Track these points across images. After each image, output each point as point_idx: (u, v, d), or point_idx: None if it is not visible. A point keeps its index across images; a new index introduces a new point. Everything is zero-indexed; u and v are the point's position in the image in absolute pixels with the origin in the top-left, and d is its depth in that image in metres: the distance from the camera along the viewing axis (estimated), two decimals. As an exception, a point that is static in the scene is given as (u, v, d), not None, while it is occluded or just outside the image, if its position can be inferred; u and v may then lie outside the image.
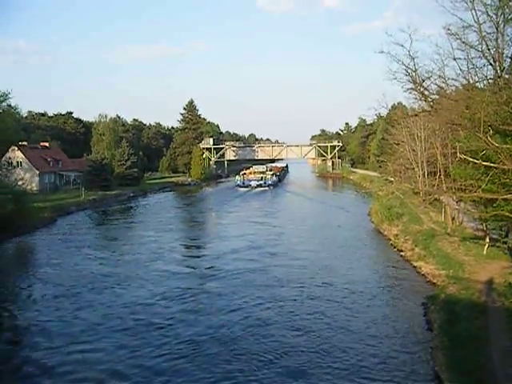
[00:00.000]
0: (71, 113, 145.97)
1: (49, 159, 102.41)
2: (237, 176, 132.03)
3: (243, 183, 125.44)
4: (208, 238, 58.37)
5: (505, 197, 23.92)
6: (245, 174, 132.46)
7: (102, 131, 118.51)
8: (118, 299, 33.71)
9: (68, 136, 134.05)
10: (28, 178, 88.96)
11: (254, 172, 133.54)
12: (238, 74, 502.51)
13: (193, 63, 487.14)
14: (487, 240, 39.38)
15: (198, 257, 47.91)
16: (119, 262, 45.12)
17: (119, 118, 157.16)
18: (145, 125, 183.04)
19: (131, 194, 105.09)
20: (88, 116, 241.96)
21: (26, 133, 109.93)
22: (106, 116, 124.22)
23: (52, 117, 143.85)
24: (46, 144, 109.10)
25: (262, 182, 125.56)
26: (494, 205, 28.30)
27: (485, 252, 38.44)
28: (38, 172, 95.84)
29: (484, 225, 39.79)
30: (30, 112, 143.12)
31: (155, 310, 31.60)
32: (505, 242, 35.57)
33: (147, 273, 40.60)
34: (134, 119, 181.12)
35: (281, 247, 50.69)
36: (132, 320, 29.53)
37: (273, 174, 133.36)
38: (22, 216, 58.73)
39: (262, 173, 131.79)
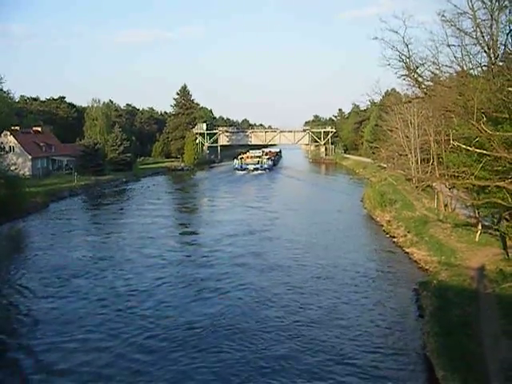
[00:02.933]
0: (64, 97, 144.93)
1: (41, 144, 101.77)
2: (235, 160, 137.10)
3: (241, 167, 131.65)
4: (204, 223, 58.53)
5: (497, 184, 23.95)
6: (242, 158, 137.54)
7: (95, 116, 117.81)
8: (110, 285, 33.73)
9: (61, 121, 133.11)
10: (20, 163, 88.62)
11: (251, 156, 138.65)
12: (231, 60, 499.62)
13: (186, 48, 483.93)
14: (479, 227, 39.55)
15: (194, 241, 48.00)
16: (112, 247, 45.10)
17: (112, 102, 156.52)
18: (138, 110, 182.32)
19: (124, 179, 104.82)
20: (81, 101, 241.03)
21: (19, 117, 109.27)
22: (98, 101, 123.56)
23: (44, 101, 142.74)
24: (39, 129, 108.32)
25: (258, 166, 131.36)
26: (487, 192, 28.41)
27: (477, 239, 38.63)
28: (30, 157, 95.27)
29: (476, 212, 39.92)
30: (22, 97, 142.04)
31: (149, 295, 31.64)
32: (497, 229, 35.66)
33: (140, 258, 40.67)
34: (127, 104, 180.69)
35: (275, 232, 51.05)
36: (125, 305, 29.56)
37: (268, 159, 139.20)
38: (15, 201, 58.50)
39: (259, 157, 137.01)
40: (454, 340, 22.25)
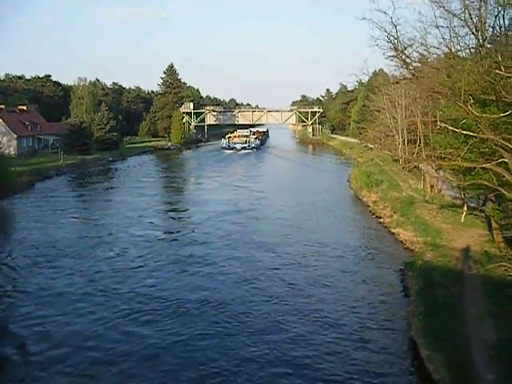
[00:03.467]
0: (49, 76, 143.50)
1: (27, 123, 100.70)
2: (222, 139, 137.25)
3: (228, 146, 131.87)
4: (192, 202, 58.48)
5: (483, 165, 24.08)
6: (230, 137, 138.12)
7: (81, 95, 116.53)
8: (97, 263, 33.72)
9: (46, 99, 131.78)
10: (5, 142, 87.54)
11: (239, 136, 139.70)
12: (218, 39, 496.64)
13: (175, 27, 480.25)
14: (465, 208, 39.84)
15: (181, 220, 48.18)
16: (98, 225, 45.01)
17: (98, 81, 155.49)
18: (124, 88, 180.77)
19: (110, 159, 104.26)
20: (67, 79, 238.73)
21: (3, 96, 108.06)
22: (85, 79, 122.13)
23: (30, 80, 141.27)
24: (24, 107, 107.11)
25: (246, 145, 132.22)
26: (473, 173, 28.53)
27: (462, 220, 38.92)
28: (15, 136, 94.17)
29: (462, 193, 40.21)
30: (7, 75, 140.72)
31: (136, 272, 31.74)
32: (482, 211, 35.96)
33: (127, 236, 40.72)
34: (114, 83, 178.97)
35: (263, 211, 51.35)
36: (112, 284, 29.54)
37: (256, 138, 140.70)
38: (0, 180, 58.09)
39: (246, 136, 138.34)
40: (439, 320, 22.50)
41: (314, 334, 23.11)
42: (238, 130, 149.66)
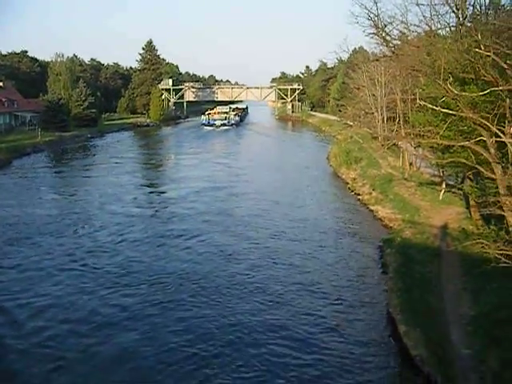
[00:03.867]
0: (26, 51, 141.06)
1: (3, 99, 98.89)
2: (202, 116, 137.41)
3: (208, 122, 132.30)
4: (171, 179, 58.49)
5: (462, 144, 24.24)
6: (210, 113, 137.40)
7: (59, 71, 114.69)
8: (75, 241, 33.47)
9: (23, 76, 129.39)
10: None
11: (219, 112, 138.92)
12: (197, 13, 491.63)
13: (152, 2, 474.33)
14: (443, 186, 40.14)
15: (160, 197, 48.06)
16: (77, 203, 44.64)
17: (76, 57, 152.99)
18: (102, 65, 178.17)
19: (89, 135, 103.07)
20: (44, 55, 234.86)
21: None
22: (62, 55, 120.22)
23: (6, 55, 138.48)
24: (0, 84, 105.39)
25: (225, 122, 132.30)
26: (451, 151, 28.71)
27: (441, 197, 39.24)
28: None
29: (441, 171, 40.46)
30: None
31: (114, 250, 31.65)
32: (460, 188, 36.25)
33: (106, 214, 40.50)
34: (92, 59, 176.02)
35: (242, 188, 51.44)
36: (91, 261, 29.48)
37: (235, 115, 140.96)
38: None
39: (226, 113, 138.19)
40: (416, 296, 22.78)
41: (293, 307, 23.37)
42: (218, 107, 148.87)
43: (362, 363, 18.90)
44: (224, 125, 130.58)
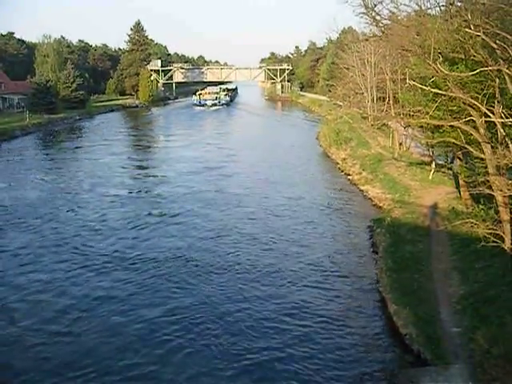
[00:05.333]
0: (13, 33, 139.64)
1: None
2: (193, 96, 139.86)
3: (199, 102, 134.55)
4: (161, 160, 58.50)
5: (451, 123, 24.28)
6: (201, 94, 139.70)
7: (46, 53, 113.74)
8: (65, 225, 33.27)
9: (10, 58, 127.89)
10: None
11: (210, 92, 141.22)
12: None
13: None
14: (433, 165, 40.28)
15: (150, 179, 48.03)
16: (67, 186, 44.55)
17: (64, 38, 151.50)
18: (91, 46, 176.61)
19: (77, 117, 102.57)
20: (31, 37, 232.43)
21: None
22: (49, 37, 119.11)
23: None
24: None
25: (216, 102, 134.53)
26: (441, 131, 28.76)
27: (430, 177, 39.39)
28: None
29: (430, 151, 40.55)
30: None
31: (106, 232, 31.67)
32: (450, 168, 36.45)
33: (96, 196, 40.49)
34: (80, 40, 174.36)
35: (233, 168, 51.73)
36: (82, 243, 29.50)
37: (226, 95, 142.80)
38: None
39: (217, 93, 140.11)
40: (406, 275, 22.98)
41: (281, 288, 23.58)
42: (209, 87, 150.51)
43: (352, 342, 19.06)
44: (215, 105, 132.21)
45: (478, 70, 20.80)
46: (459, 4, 22.65)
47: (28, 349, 18.71)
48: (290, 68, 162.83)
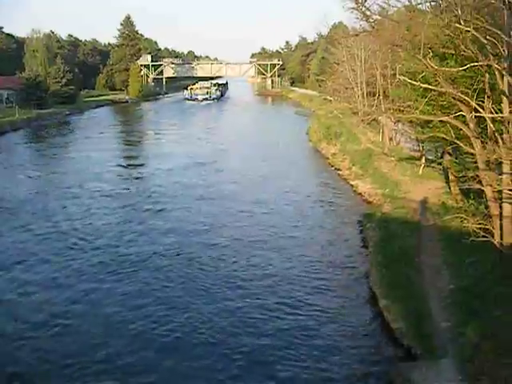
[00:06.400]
0: (1, 28, 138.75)
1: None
2: (185, 90, 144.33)
3: (191, 97, 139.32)
4: (152, 155, 58.54)
5: (441, 119, 24.35)
6: (192, 88, 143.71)
7: (36, 47, 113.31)
8: (55, 220, 33.08)
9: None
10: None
11: (201, 87, 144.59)
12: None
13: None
14: (423, 160, 40.32)
15: (141, 174, 47.95)
16: (56, 181, 44.35)
17: (53, 33, 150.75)
18: (80, 41, 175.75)
19: (67, 112, 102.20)
20: (20, 31, 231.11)
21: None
22: (39, 31, 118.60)
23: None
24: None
25: (207, 96, 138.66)
26: (431, 126, 28.85)
27: (420, 172, 39.43)
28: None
29: (420, 146, 40.64)
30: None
31: (96, 228, 31.43)
32: (440, 163, 36.53)
33: (86, 192, 40.18)
34: (69, 35, 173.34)
35: (224, 163, 51.77)
36: (72, 240, 29.28)
37: (216, 90, 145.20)
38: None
39: (208, 88, 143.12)
40: (397, 270, 22.97)
41: (268, 282, 23.60)
42: (200, 82, 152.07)
43: (341, 337, 19.08)
44: (206, 99, 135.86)
45: (468, 66, 20.85)
46: (449, -1, 22.68)
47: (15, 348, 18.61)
48: (281, 63, 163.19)
